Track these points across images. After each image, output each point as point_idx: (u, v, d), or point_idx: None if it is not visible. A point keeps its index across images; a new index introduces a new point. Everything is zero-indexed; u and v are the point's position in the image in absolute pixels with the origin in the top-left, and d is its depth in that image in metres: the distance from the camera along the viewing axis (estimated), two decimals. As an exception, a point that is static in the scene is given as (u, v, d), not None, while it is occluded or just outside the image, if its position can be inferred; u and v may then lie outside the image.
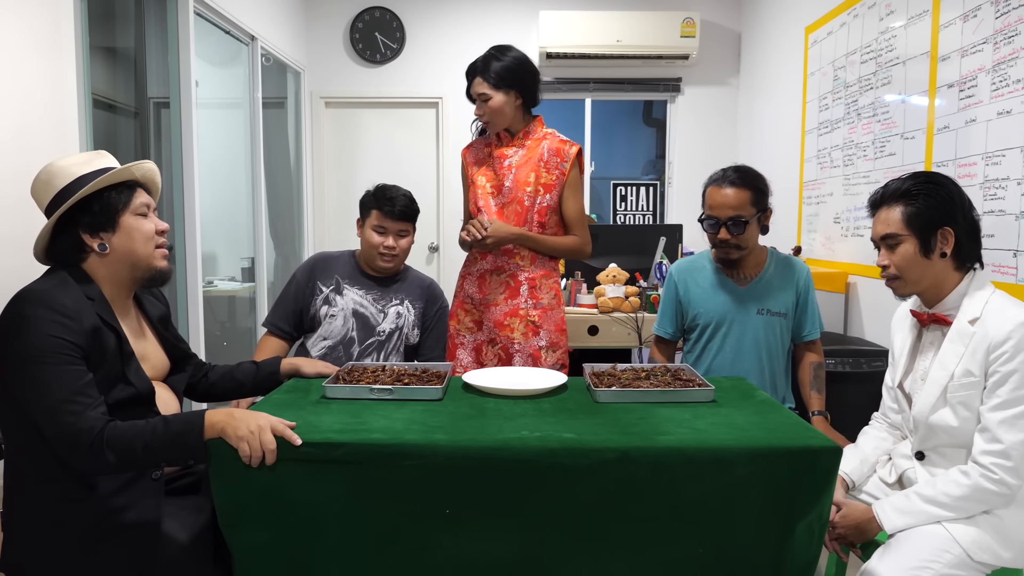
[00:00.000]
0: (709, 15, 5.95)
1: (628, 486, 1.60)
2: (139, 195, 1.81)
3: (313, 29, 6.05)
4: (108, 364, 1.68)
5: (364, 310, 2.77)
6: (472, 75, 2.79)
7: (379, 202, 2.78)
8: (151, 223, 1.82)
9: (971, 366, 1.84)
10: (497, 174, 2.79)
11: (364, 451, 1.59)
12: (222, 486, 1.61)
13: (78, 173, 1.76)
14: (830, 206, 4.27)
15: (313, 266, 2.86)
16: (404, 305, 2.82)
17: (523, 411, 1.86)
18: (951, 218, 1.89)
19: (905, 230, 1.92)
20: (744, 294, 2.63)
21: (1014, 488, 1.77)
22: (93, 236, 1.75)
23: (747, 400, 1.99)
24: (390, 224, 2.77)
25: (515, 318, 2.73)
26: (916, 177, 1.96)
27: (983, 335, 1.82)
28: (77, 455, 1.56)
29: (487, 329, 2.78)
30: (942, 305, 1.95)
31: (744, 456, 1.61)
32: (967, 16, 3.01)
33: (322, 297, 2.78)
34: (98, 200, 1.74)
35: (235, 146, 4.98)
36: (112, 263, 1.77)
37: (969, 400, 1.85)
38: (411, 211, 2.83)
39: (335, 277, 2.80)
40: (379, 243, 2.76)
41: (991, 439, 1.77)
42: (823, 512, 1.65)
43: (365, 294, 2.79)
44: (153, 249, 1.81)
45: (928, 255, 1.90)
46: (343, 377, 2.06)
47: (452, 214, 6.18)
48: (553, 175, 2.73)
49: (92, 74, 3.10)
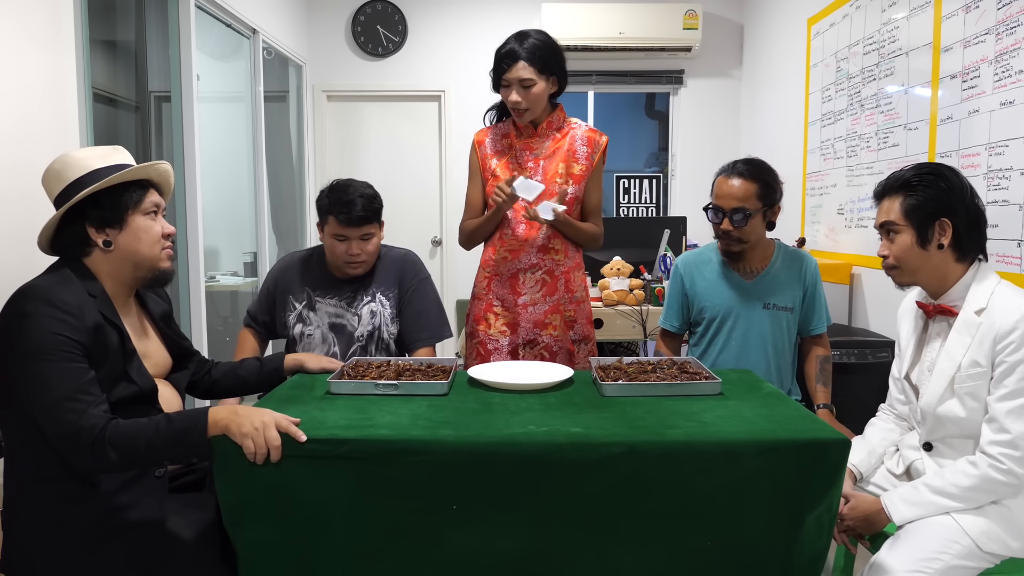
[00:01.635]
0: (711, 7, 5.93)
1: (636, 480, 1.60)
2: (151, 195, 1.79)
3: (315, 22, 6.02)
4: (110, 362, 1.67)
5: (340, 320, 2.61)
6: (512, 59, 2.53)
7: (334, 208, 2.50)
8: (159, 225, 1.80)
9: (978, 356, 1.83)
10: (522, 166, 2.66)
11: (370, 447, 1.59)
12: (227, 483, 1.60)
13: (93, 166, 1.73)
14: (834, 197, 4.25)
15: (283, 274, 2.69)
16: (376, 300, 2.62)
17: (529, 405, 1.84)
18: (950, 210, 1.88)
19: (903, 220, 1.92)
20: (750, 288, 2.61)
21: (1022, 478, 1.76)
22: (99, 231, 1.73)
23: (754, 392, 1.98)
24: (351, 231, 2.49)
25: (556, 315, 2.66)
26: (919, 168, 1.95)
27: (989, 325, 1.82)
28: (79, 453, 1.55)
29: (524, 331, 2.66)
30: (947, 296, 1.94)
31: (752, 449, 1.60)
32: (969, 7, 2.99)
33: (295, 315, 2.63)
34: (109, 196, 1.72)
35: (237, 140, 4.97)
36: (116, 260, 1.75)
37: (976, 391, 1.84)
38: (373, 211, 2.52)
39: (306, 290, 2.64)
40: (342, 252, 2.52)
41: (999, 429, 1.77)
42: (832, 504, 1.64)
43: (338, 301, 2.62)
44: (159, 251, 1.79)
45: (925, 246, 1.90)
46: (347, 372, 2.05)
47: (455, 208, 6.16)
48: (582, 165, 2.65)
49: (92, 68, 3.08)
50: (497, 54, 2.57)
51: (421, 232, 6.24)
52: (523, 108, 2.58)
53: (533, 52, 2.53)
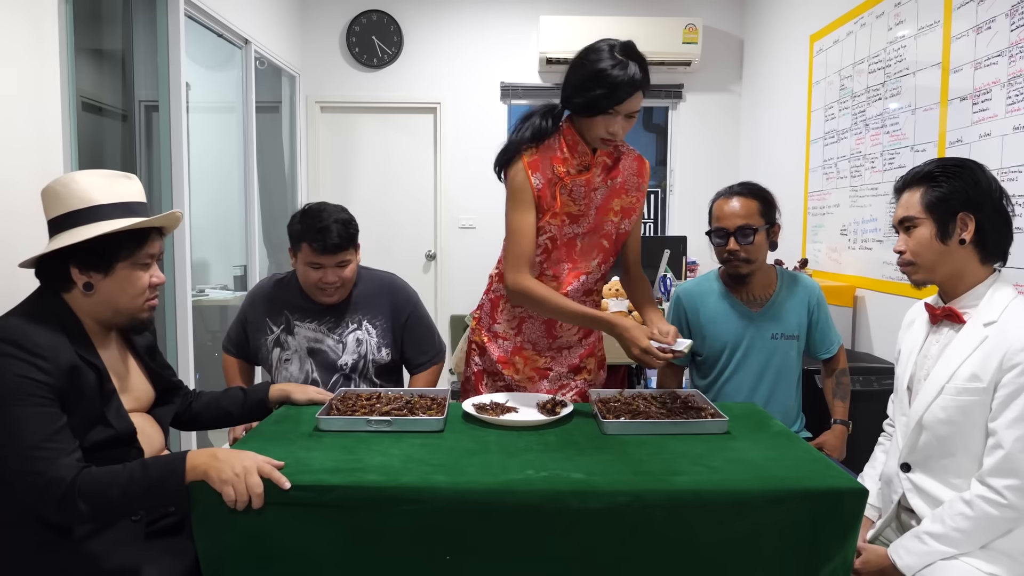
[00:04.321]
0: (711, 21, 5.87)
1: (641, 530, 1.51)
2: (149, 246, 1.68)
3: (309, 32, 5.94)
4: (86, 404, 1.57)
5: (320, 345, 2.51)
6: (634, 87, 2.06)
7: (308, 235, 2.36)
8: (147, 275, 1.69)
9: (979, 371, 1.73)
10: (576, 201, 2.21)
11: (358, 494, 1.49)
12: (206, 532, 1.50)
13: (95, 200, 1.62)
14: (836, 217, 4.17)
15: (258, 299, 2.60)
16: (363, 328, 2.52)
17: (527, 445, 1.75)
18: (974, 204, 1.77)
19: (923, 213, 1.81)
20: (758, 318, 2.55)
21: (1022, 510, 1.67)
22: (83, 273, 1.62)
23: (762, 432, 1.89)
24: (326, 259, 2.38)
25: (591, 358, 2.43)
26: (943, 161, 1.85)
27: (1000, 341, 1.71)
28: (48, 506, 1.45)
29: (557, 376, 2.37)
30: (959, 301, 1.83)
31: (764, 498, 1.52)
32: (980, 28, 2.92)
33: (272, 338, 2.53)
34: (101, 241, 1.60)
35: (228, 151, 4.87)
36: (94, 304, 1.65)
37: (968, 408, 1.74)
38: (348, 237, 2.39)
39: (284, 313, 2.53)
40: (315, 280, 2.41)
41: (1004, 458, 1.67)
42: (848, 556, 1.55)
43: (319, 326, 2.51)
44: (141, 303, 1.69)
45: (945, 241, 1.79)
46: (336, 406, 1.95)
47: (449, 221, 6.08)
48: (633, 197, 2.29)
49: (79, 76, 2.99)
50: (604, 76, 2.06)
51: (415, 246, 6.15)
52: (618, 139, 2.17)
53: (648, 77, 2.11)
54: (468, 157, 6.00)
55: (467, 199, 6.00)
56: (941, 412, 1.79)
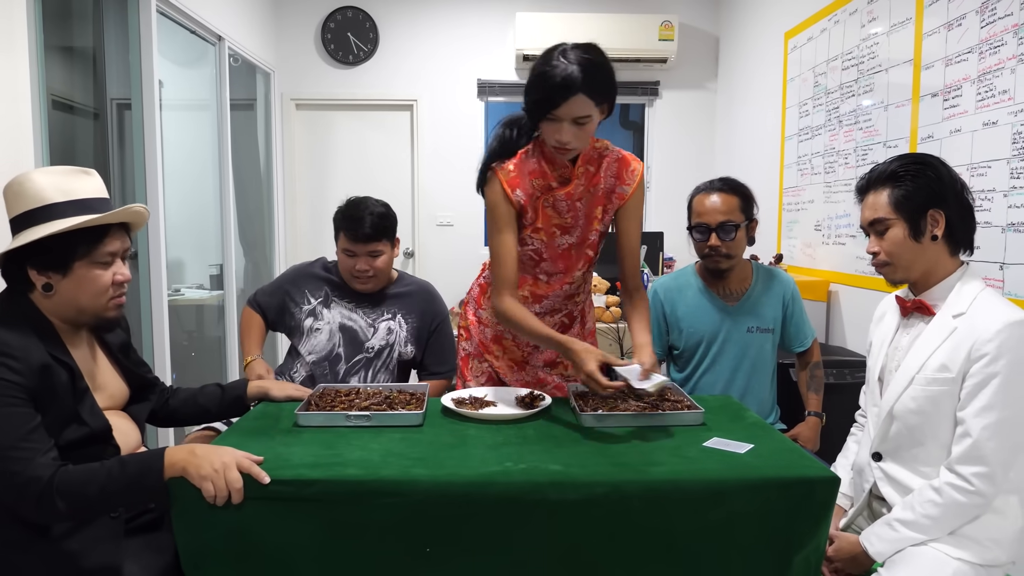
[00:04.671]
0: (687, 18, 5.90)
1: (619, 521, 1.52)
2: (108, 243, 1.64)
3: (283, 29, 5.90)
4: (59, 403, 1.55)
5: (353, 324, 2.62)
6: (568, 91, 1.91)
7: (345, 223, 2.55)
8: (109, 274, 1.65)
9: (948, 361, 1.76)
10: (560, 212, 2.16)
11: (338, 488, 1.50)
12: (185, 527, 1.50)
13: (49, 199, 1.58)
14: (811, 213, 4.22)
15: (302, 276, 2.72)
16: (396, 320, 2.64)
17: (506, 439, 1.76)
18: (941, 199, 1.80)
19: (893, 214, 1.83)
20: (733, 312, 2.58)
21: (989, 497, 1.71)
22: (41, 274, 1.60)
23: (737, 423, 1.92)
24: (359, 247, 2.53)
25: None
26: (903, 159, 1.87)
27: (968, 332, 1.74)
28: (26, 506, 1.44)
29: (533, 368, 2.38)
30: (929, 293, 1.86)
31: (739, 487, 1.54)
32: (951, 25, 2.96)
33: (308, 308, 2.64)
34: (57, 240, 1.57)
35: (202, 149, 4.83)
36: (56, 304, 1.63)
37: (937, 397, 1.77)
38: (382, 229, 2.54)
39: (325, 289, 2.66)
40: (350, 267, 2.57)
41: (972, 446, 1.70)
42: (820, 543, 1.59)
43: (355, 308, 2.64)
44: (105, 302, 1.66)
45: (919, 239, 1.82)
46: (315, 402, 1.95)
47: (427, 219, 6.07)
48: (617, 202, 2.20)
49: (49, 74, 2.95)
50: (543, 79, 1.94)
51: (392, 243, 6.12)
52: (568, 147, 2.03)
53: (592, 79, 1.93)
54: (445, 154, 5.99)
55: (445, 196, 5.99)
56: (911, 402, 1.82)
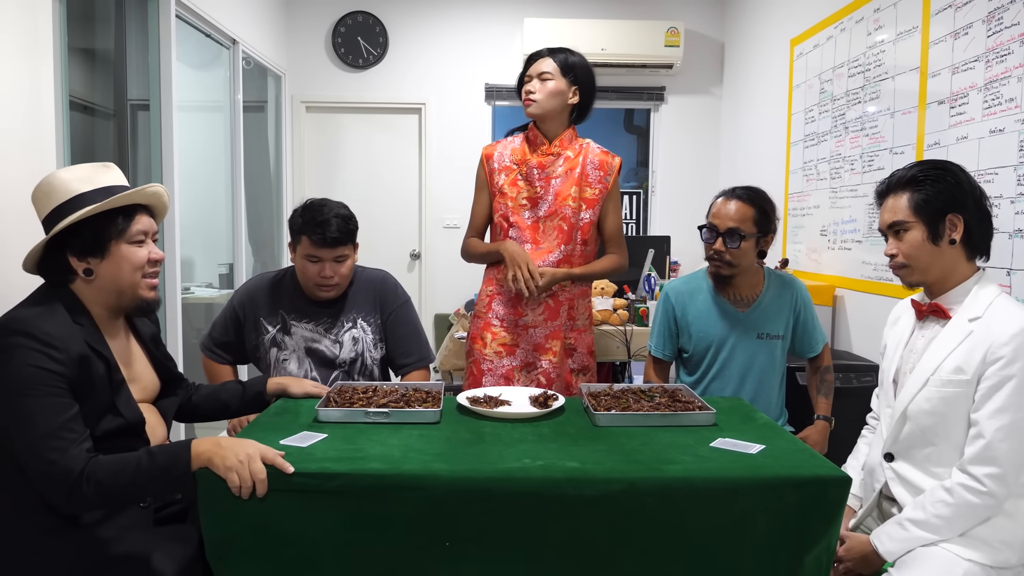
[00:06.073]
0: (693, 25, 5.94)
1: (634, 517, 1.56)
2: (138, 222, 1.71)
3: (295, 32, 5.95)
4: (97, 394, 1.60)
5: (317, 344, 2.52)
6: (537, 56, 2.62)
7: (308, 228, 2.40)
8: (144, 251, 1.72)
9: (963, 364, 1.80)
10: (533, 185, 2.63)
11: (361, 481, 1.53)
12: (211, 518, 1.53)
13: (78, 190, 1.65)
14: (816, 218, 4.25)
15: (252, 298, 2.57)
16: (358, 326, 2.55)
17: (522, 436, 1.80)
18: (960, 204, 1.84)
19: (912, 217, 1.87)
20: (744, 318, 2.59)
21: (1001, 498, 1.74)
22: (81, 260, 1.66)
23: (748, 424, 1.95)
24: (324, 252, 2.40)
25: (556, 340, 2.60)
26: (923, 164, 1.92)
27: (984, 335, 1.78)
28: (58, 493, 1.48)
29: (524, 352, 2.60)
30: (945, 297, 1.90)
31: (752, 486, 1.57)
32: (958, 34, 3.00)
33: (269, 338, 2.53)
34: (91, 224, 1.64)
35: (214, 150, 4.88)
36: (98, 289, 1.68)
37: (952, 399, 1.81)
38: (348, 232, 2.43)
39: (280, 313, 2.53)
40: (314, 274, 2.43)
41: (985, 447, 1.74)
42: (831, 543, 1.61)
43: (315, 326, 2.52)
44: (140, 279, 1.71)
45: (937, 242, 1.86)
46: (333, 399, 1.98)
47: (434, 221, 6.12)
48: (596, 189, 2.64)
49: (70, 76, 3.00)
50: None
51: (400, 246, 6.18)
52: (535, 99, 2.58)
53: (561, 54, 2.60)
54: (453, 158, 6.03)
55: (452, 199, 6.03)
56: (925, 403, 1.85)
